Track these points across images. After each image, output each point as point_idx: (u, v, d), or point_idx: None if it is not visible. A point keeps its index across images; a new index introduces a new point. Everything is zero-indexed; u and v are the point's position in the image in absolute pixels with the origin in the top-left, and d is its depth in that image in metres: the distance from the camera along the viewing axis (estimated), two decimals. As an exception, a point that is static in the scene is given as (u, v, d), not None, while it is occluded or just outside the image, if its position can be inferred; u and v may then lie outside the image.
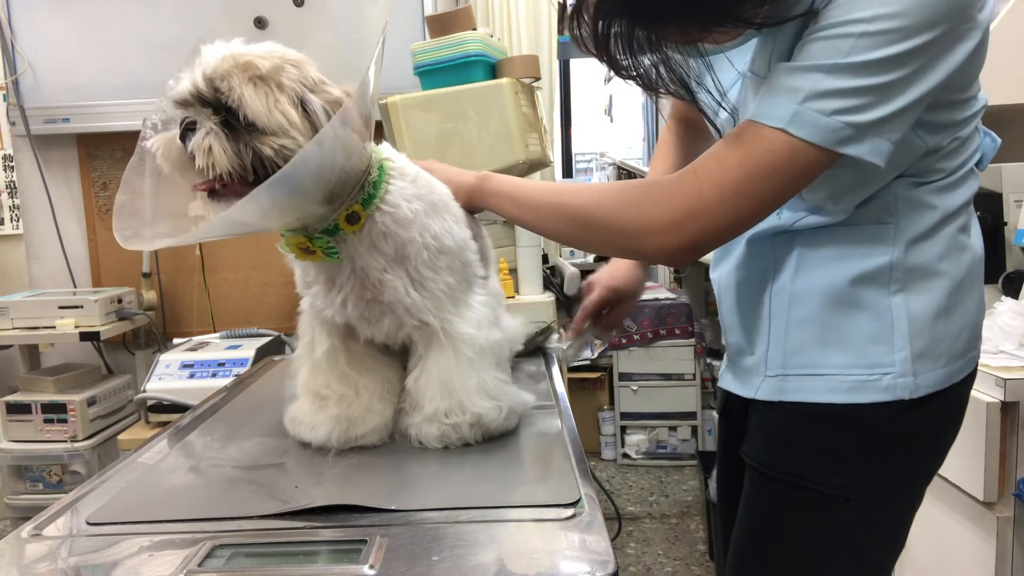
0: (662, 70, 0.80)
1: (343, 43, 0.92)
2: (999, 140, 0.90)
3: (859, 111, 0.71)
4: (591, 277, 1.20)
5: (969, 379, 0.89)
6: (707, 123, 0.92)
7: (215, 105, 0.78)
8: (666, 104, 1.19)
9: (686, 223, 0.76)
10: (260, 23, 0.94)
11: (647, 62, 0.79)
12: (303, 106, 0.79)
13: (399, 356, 1.00)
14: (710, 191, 0.75)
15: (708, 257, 1.03)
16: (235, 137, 0.77)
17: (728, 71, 0.88)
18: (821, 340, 0.84)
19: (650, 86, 0.81)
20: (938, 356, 0.83)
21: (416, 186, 0.91)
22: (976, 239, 0.88)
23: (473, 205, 0.99)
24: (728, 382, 0.97)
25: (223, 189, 0.79)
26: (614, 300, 1.18)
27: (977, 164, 0.86)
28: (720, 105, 0.87)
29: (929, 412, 0.84)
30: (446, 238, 0.91)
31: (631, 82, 0.81)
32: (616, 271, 1.18)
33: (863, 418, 0.83)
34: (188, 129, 0.78)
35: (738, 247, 0.94)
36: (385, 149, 0.92)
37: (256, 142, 0.77)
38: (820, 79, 0.71)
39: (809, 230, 0.85)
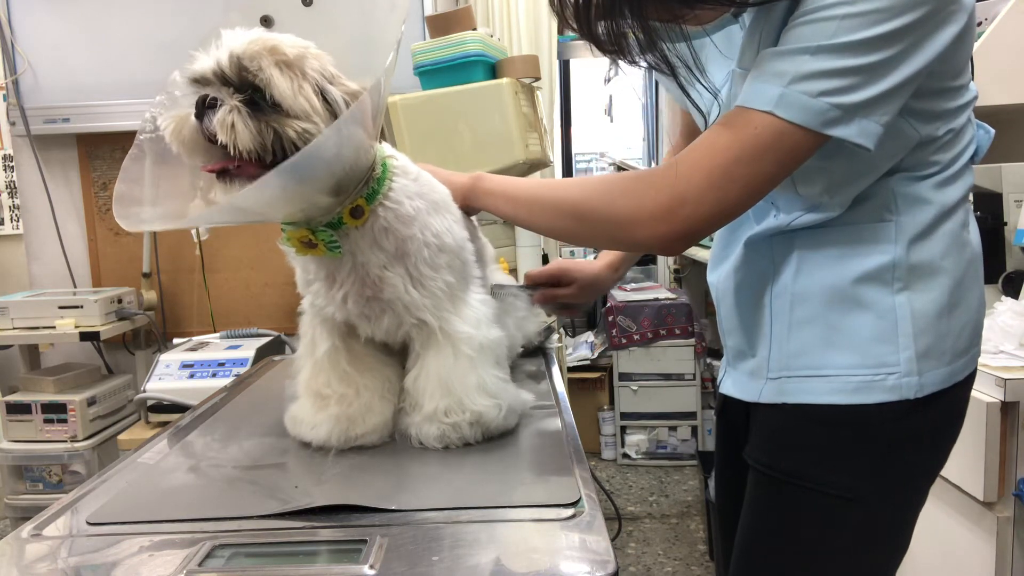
0: (641, 39, 0.78)
1: (350, 43, 0.92)
2: (992, 131, 0.90)
3: (846, 92, 0.71)
4: None
5: (971, 377, 0.89)
6: (698, 116, 0.92)
7: (237, 85, 0.78)
8: (674, 123, 1.20)
9: (677, 210, 0.76)
10: (267, 22, 0.94)
11: (629, 34, 0.78)
12: (323, 95, 0.80)
13: (399, 355, 1.00)
14: (698, 177, 0.75)
15: (707, 257, 1.03)
16: (256, 117, 0.77)
17: (720, 71, 0.89)
18: (824, 341, 0.84)
19: (632, 60, 0.80)
20: (942, 354, 0.83)
21: (418, 184, 0.92)
22: (974, 235, 0.87)
23: (469, 205, 0.99)
24: (729, 387, 0.96)
25: (237, 170, 0.79)
26: (559, 279, 1.20)
27: (973, 156, 0.86)
28: (701, 83, 0.86)
29: (933, 411, 0.84)
30: (446, 236, 0.92)
31: (611, 56, 0.80)
32: (582, 261, 1.21)
33: (868, 418, 0.83)
34: (208, 107, 0.78)
35: (735, 249, 0.93)
36: (386, 148, 0.93)
37: (280, 124, 0.78)
38: (806, 61, 0.71)
39: (808, 231, 0.85)
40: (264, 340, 2.42)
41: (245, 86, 0.78)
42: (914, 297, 0.82)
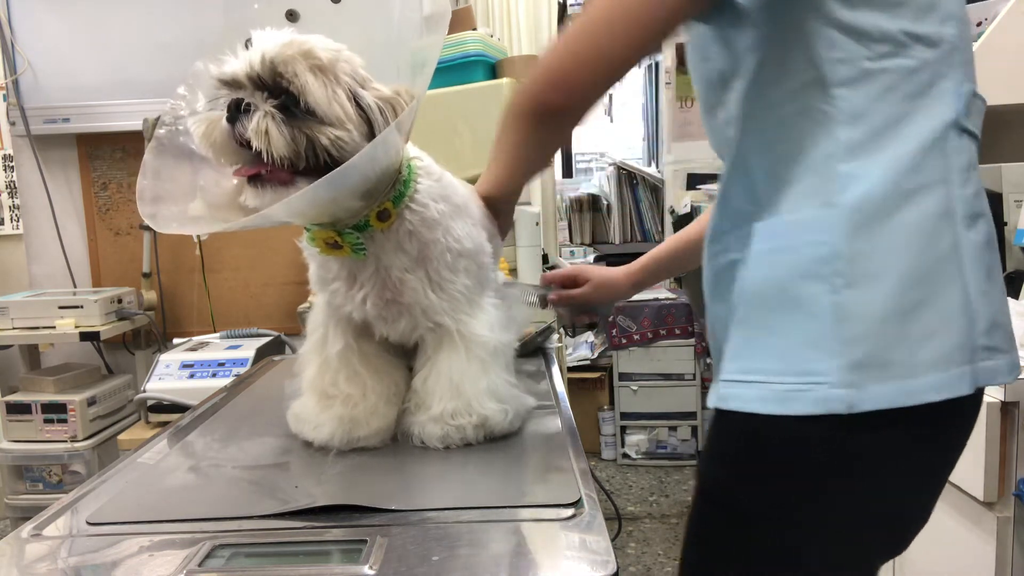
0: None
1: (375, 42, 0.92)
2: (984, 99, 0.80)
3: None
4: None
5: (961, 402, 0.72)
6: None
7: (271, 89, 0.77)
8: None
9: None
10: (292, 16, 0.94)
11: None
12: (355, 100, 0.80)
13: (409, 358, 1.00)
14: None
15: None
16: (289, 123, 0.77)
17: None
18: (754, 343, 0.76)
19: None
20: (888, 365, 0.69)
21: (442, 186, 0.92)
22: (964, 227, 0.75)
23: (502, 224, 1.01)
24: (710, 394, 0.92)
25: (269, 175, 0.79)
26: (574, 279, 1.21)
27: (966, 131, 0.74)
28: None
29: (878, 437, 0.71)
30: (467, 241, 0.92)
31: None
32: (598, 266, 1.22)
33: (788, 433, 0.72)
34: (240, 110, 0.77)
35: (707, 252, 0.87)
36: (411, 149, 0.93)
37: (313, 131, 0.78)
38: None
39: (755, 224, 0.77)
40: (264, 340, 2.42)
41: (278, 90, 0.77)
42: (855, 295, 0.70)
